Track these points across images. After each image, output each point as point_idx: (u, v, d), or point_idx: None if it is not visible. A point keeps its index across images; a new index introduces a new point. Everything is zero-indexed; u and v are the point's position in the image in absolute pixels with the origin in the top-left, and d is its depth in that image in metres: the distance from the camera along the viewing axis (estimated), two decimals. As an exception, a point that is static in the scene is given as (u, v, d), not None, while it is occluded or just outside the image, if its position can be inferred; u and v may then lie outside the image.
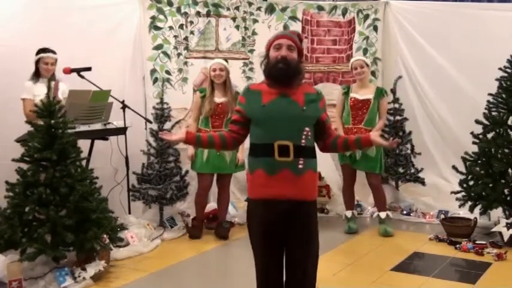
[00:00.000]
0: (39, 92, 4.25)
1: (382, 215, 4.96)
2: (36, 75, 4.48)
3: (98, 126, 4.59)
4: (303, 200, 2.58)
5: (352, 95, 4.94)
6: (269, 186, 2.55)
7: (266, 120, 2.58)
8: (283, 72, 2.58)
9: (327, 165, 5.66)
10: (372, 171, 4.94)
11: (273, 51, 2.63)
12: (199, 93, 4.82)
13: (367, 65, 4.92)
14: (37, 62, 4.48)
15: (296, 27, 5.80)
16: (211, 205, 5.26)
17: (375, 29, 5.93)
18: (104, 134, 4.72)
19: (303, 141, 2.56)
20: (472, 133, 4.76)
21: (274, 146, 2.53)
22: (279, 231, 2.58)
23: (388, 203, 5.25)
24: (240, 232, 5.05)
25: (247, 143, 4.92)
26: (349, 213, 5.05)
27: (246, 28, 5.72)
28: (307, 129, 2.58)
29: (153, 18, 5.42)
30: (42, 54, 4.45)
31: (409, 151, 5.62)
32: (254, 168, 2.61)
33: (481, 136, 4.73)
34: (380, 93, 4.94)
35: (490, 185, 4.60)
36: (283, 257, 2.62)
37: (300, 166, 2.55)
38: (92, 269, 3.76)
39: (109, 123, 4.67)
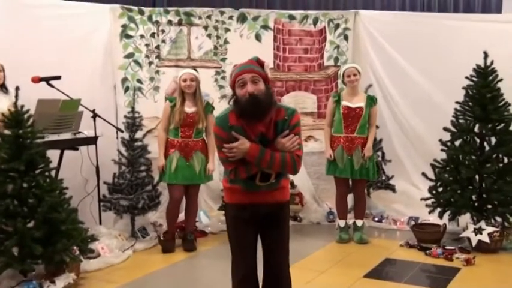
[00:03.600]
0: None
1: (359, 222, 4.99)
2: None
3: (67, 135, 4.53)
4: (277, 203, 2.74)
5: (344, 103, 4.89)
6: (247, 197, 2.69)
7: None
8: (255, 112, 2.53)
9: (300, 172, 5.66)
10: (367, 178, 4.97)
11: (239, 89, 2.56)
12: (169, 103, 4.72)
13: (359, 73, 4.90)
14: None
15: (268, 36, 5.84)
16: (182, 215, 5.21)
17: (346, 38, 6.01)
18: (73, 144, 4.65)
19: None
20: (440, 140, 4.85)
21: (257, 173, 2.63)
22: (256, 226, 2.72)
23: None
24: (212, 241, 5.04)
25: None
26: (342, 223, 5.01)
27: (218, 37, 5.73)
28: None
29: (124, 26, 5.39)
30: None
31: (380, 158, 5.69)
32: (233, 182, 2.69)
33: (449, 143, 4.81)
34: (371, 101, 4.92)
35: (458, 192, 4.68)
36: (256, 243, 2.76)
37: (276, 182, 2.70)
38: (61, 282, 3.69)
39: (79, 132, 4.61)
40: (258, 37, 5.83)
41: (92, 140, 4.73)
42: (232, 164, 2.61)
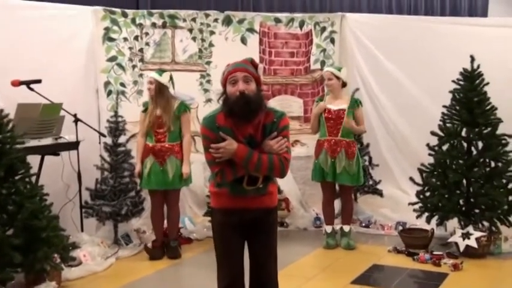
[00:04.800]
0: None
1: (346, 228, 4.95)
2: None
3: (48, 140, 4.44)
4: (265, 208, 2.69)
5: (326, 106, 4.88)
6: (234, 202, 2.64)
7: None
8: (245, 111, 2.51)
9: (286, 178, 5.61)
10: (356, 184, 4.94)
11: (230, 87, 2.55)
12: (142, 107, 4.72)
13: (336, 77, 4.84)
14: None
15: (254, 39, 5.79)
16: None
17: (332, 41, 5.98)
18: (55, 149, 4.56)
19: None
20: (427, 145, 4.83)
21: (244, 176, 2.58)
22: (243, 232, 2.67)
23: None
24: (197, 248, 4.98)
25: (193, 156, 4.79)
26: (329, 229, 4.96)
27: (202, 40, 5.66)
28: None
29: (107, 29, 5.31)
30: None
31: (367, 163, 5.66)
32: (220, 186, 2.65)
33: (436, 148, 4.80)
34: (355, 103, 4.87)
35: (446, 196, 4.66)
36: (243, 250, 2.71)
37: (264, 187, 2.66)
38: (41, 291, 3.61)
39: (60, 137, 4.52)
40: (243, 40, 5.78)
41: (73, 145, 4.64)
42: (218, 165, 2.56)
